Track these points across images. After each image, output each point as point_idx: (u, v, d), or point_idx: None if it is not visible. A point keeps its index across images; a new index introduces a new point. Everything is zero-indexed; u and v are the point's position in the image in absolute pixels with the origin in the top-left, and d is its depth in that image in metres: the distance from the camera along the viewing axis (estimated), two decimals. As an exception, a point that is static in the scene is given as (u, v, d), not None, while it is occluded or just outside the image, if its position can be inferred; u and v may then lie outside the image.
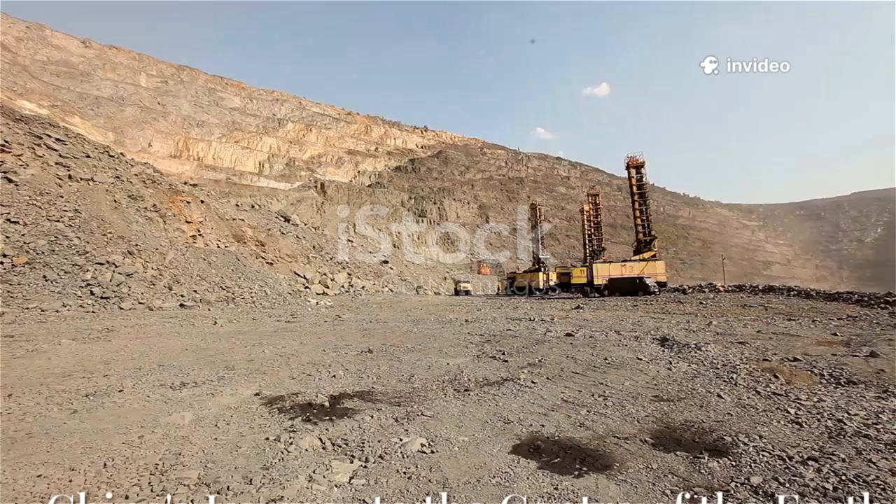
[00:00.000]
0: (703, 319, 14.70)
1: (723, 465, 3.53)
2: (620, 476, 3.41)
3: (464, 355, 8.69)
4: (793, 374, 6.32)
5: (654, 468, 3.53)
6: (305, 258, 36.63)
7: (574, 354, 8.30)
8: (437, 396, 5.72)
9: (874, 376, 6.27)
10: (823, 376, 6.32)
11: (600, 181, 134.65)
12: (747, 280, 70.08)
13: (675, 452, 3.82)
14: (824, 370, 6.59)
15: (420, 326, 14.27)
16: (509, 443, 4.12)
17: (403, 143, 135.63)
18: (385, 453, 3.86)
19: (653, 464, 3.60)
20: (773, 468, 3.44)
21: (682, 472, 3.46)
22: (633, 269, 35.43)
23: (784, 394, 5.46)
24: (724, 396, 5.41)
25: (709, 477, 3.36)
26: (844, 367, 6.74)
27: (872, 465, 3.45)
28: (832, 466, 3.41)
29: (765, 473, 3.36)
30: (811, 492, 3.07)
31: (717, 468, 3.49)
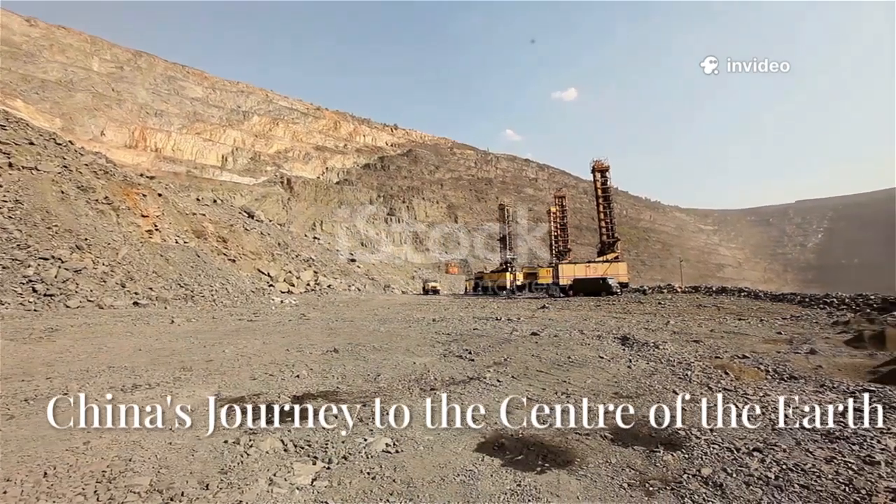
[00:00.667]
0: (662, 319, 15.31)
1: (676, 458, 3.69)
2: (581, 471, 3.51)
3: (430, 354, 8.69)
4: (742, 371, 6.67)
5: (612, 463, 3.65)
6: (270, 255, 35.64)
7: (539, 353, 8.46)
8: (402, 396, 5.70)
9: (813, 372, 6.71)
10: (769, 372, 6.71)
11: (567, 184, 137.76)
12: (702, 281, 73.52)
13: (633, 447, 3.96)
14: (769, 367, 7.00)
15: (387, 325, 14.17)
16: (474, 441, 4.16)
17: (373, 141, 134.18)
18: (349, 454, 3.81)
19: (612, 458, 3.72)
20: (722, 459, 3.63)
21: (638, 465, 3.59)
22: (596, 269, 36.49)
23: (733, 389, 5.76)
24: (679, 392, 5.65)
25: (663, 470, 3.50)
26: (787, 364, 7.19)
27: (809, 454, 3.69)
28: (774, 456, 3.63)
29: (714, 465, 3.53)
30: (755, 481, 3.26)
31: (672, 461, 3.64)
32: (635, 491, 3.19)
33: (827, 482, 3.18)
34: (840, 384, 5.89)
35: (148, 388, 6.02)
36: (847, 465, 3.46)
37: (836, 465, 3.47)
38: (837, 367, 7.10)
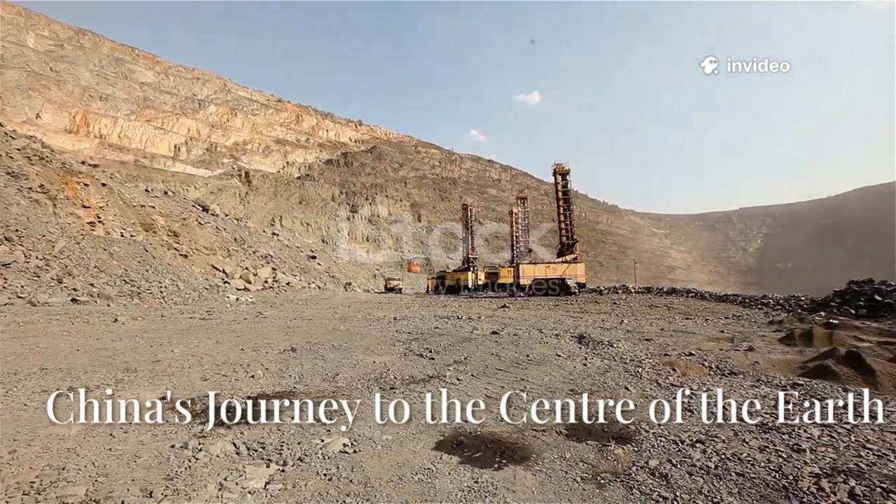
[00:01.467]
0: (616, 318, 15.92)
1: (626, 452, 3.85)
2: (537, 467, 3.59)
3: (391, 353, 8.64)
4: (687, 367, 7.05)
5: (566, 457, 3.76)
6: (225, 251, 34.23)
7: (498, 352, 8.58)
8: (361, 395, 5.63)
9: (751, 368, 7.18)
10: (712, 369, 7.12)
11: (529, 185, 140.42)
12: (655, 282, 77.09)
13: (587, 442, 4.09)
14: (713, 363, 7.43)
15: (347, 324, 13.96)
16: (433, 440, 4.17)
17: (336, 136, 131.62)
18: (305, 455, 3.73)
19: (566, 453, 3.83)
20: (668, 451, 3.82)
21: (591, 459, 3.72)
22: (556, 270, 37.42)
23: (680, 385, 6.07)
24: (631, 388, 5.90)
25: (614, 463, 3.65)
26: (728, 360, 7.65)
27: (745, 444, 3.95)
28: (715, 447, 3.86)
29: (661, 456, 3.71)
30: (697, 470, 3.45)
31: (622, 454, 3.80)
32: (587, 484, 3.30)
33: (760, 469, 3.42)
34: (773, 379, 6.34)
35: (86, 390, 5.63)
36: (777, 453, 3.73)
37: (768, 453, 3.73)
38: (772, 363, 7.64)
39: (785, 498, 3.01)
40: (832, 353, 7.26)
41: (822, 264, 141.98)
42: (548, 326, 13.21)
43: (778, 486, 3.16)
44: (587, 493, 3.18)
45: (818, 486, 3.09)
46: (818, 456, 3.66)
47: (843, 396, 5.33)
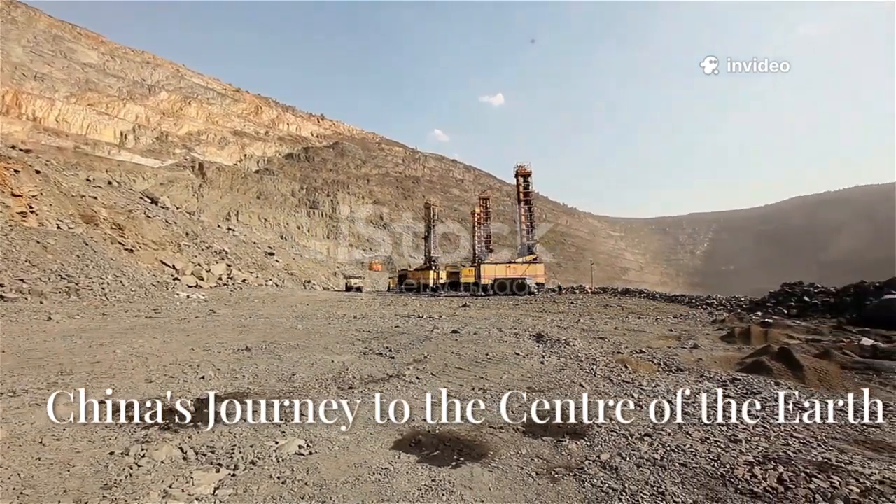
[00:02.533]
0: (573, 317, 16.40)
1: (580, 446, 3.97)
2: (494, 463, 3.64)
3: (350, 352, 8.51)
4: (638, 365, 7.37)
5: (523, 454, 3.83)
6: (176, 246, 32.52)
7: (458, 350, 8.64)
8: (319, 395, 5.51)
9: (695, 364, 7.60)
10: (660, 365, 7.48)
11: (492, 186, 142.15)
12: (610, 283, 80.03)
13: (542, 438, 4.19)
14: (661, 360, 7.80)
15: (305, 323, 13.62)
16: (391, 439, 4.14)
17: (297, 130, 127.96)
18: (258, 458, 3.61)
19: (522, 450, 3.91)
20: (618, 445, 3.98)
21: (546, 455, 3.82)
22: (516, 270, 38.08)
23: (631, 381, 6.33)
24: (585, 385, 6.09)
25: (568, 457, 3.76)
26: (675, 358, 8.06)
27: (689, 436, 4.18)
28: (661, 440, 4.06)
29: (611, 450, 3.86)
30: (645, 462, 3.62)
31: (575, 449, 3.92)
32: (542, 479, 3.38)
33: (701, 460, 3.63)
34: (715, 374, 6.74)
35: (12, 395, 5.21)
36: (717, 443, 3.97)
37: (708, 444, 3.96)
38: (714, 359, 8.11)
39: (722, 485, 3.21)
40: (766, 350, 7.81)
41: (761, 267, 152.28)
42: (507, 325, 13.43)
43: (716, 475, 3.36)
44: (542, 487, 3.26)
45: (752, 473, 3.31)
46: (752, 445, 3.92)
47: (774, 390, 5.75)
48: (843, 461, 3.56)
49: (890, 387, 5.93)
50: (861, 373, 6.50)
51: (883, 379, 6.19)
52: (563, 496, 3.12)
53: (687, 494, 3.10)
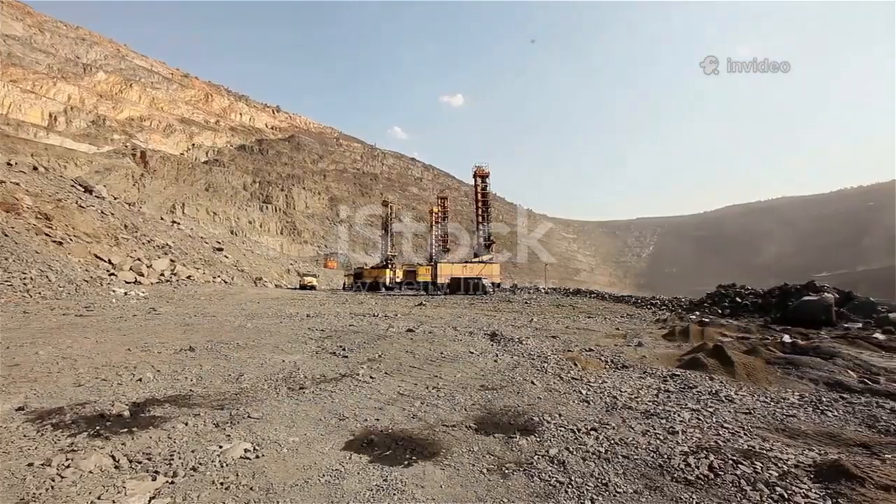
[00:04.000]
0: (527, 317, 16.80)
1: (530, 442, 4.08)
2: (446, 461, 3.67)
3: (302, 352, 8.28)
4: (587, 362, 7.66)
5: (475, 451, 3.88)
6: (113, 239, 30.29)
7: (413, 349, 8.63)
8: (268, 396, 5.33)
9: (639, 361, 8.00)
10: (607, 363, 7.82)
11: (450, 185, 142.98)
12: (562, 283, 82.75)
13: (494, 435, 4.27)
14: (608, 358, 8.16)
15: (255, 321, 13.12)
16: (342, 440, 4.08)
17: (251, 121, 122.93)
18: (200, 464, 3.43)
19: (474, 447, 3.97)
20: (566, 440, 4.12)
21: (497, 451, 3.89)
22: (472, 270, 38.53)
23: (580, 378, 6.57)
24: (536, 383, 6.26)
25: (518, 453, 3.84)
26: (621, 355, 8.46)
27: (631, 429, 4.40)
28: (606, 434, 4.24)
29: (560, 445, 3.99)
30: (591, 456, 3.77)
31: (526, 445, 4.02)
32: (493, 475, 3.44)
33: (641, 451, 3.83)
34: (657, 371, 7.12)
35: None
36: (656, 435, 4.20)
37: (649, 436, 4.19)
38: (657, 356, 8.58)
39: (660, 475, 3.41)
40: (703, 348, 8.35)
41: (700, 270, 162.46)
42: (462, 324, 13.56)
43: (655, 465, 3.56)
44: (492, 483, 3.32)
45: (686, 463, 3.54)
46: (688, 436, 4.19)
47: (709, 384, 6.16)
48: (765, 448, 3.88)
49: (806, 379, 6.51)
50: (782, 367, 7.09)
51: (800, 373, 6.79)
52: (512, 491, 3.19)
53: (628, 484, 3.26)
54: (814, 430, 4.42)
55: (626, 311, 19.80)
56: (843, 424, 4.67)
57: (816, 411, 5.09)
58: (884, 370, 7.23)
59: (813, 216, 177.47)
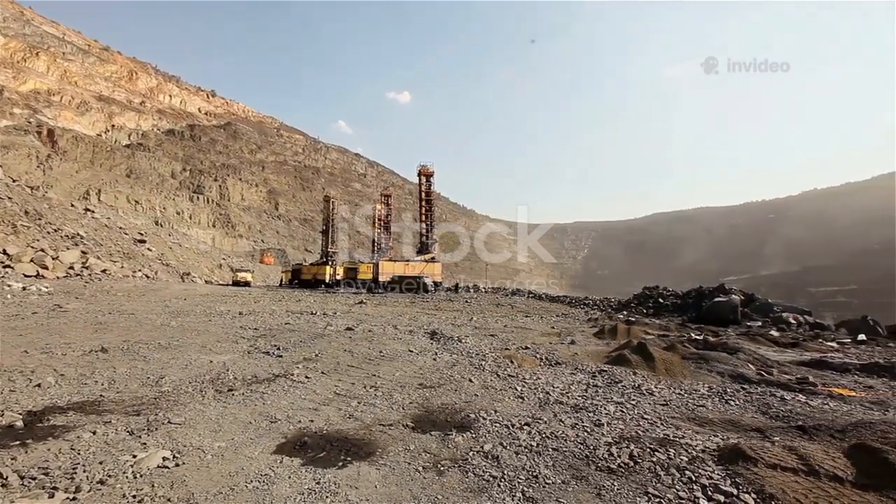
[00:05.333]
0: (467, 316, 17.06)
1: (466, 439, 4.15)
2: (381, 461, 3.64)
3: (232, 351, 7.85)
4: (523, 360, 7.92)
5: (411, 449, 3.89)
6: (10, 227, 26.90)
7: (352, 348, 8.47)
8: (192, 400, 4.99)
9: (572, 358, 8.41)
10: (542, 360, 8.13)
11: (394, 183, 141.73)
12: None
13: (430, 433, 4.29)
14: (543, 355, 8.49)
15: (181, 319, 12.24)
16: (273, 443, 3.91)
17: (182, 105, 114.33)
18: (109, 476, 3.14)
19: (411, 445, 3.97)
20: (500, 435, 4.24)
21: (433, 449, 3.92)
22: (415, 268, 38.53)
23: (515, 375, 6.79)
24: (474, 380, 6.38)
25: (454, 450, 3.90)
26: (555, 353, 8.84)
27: (562, 423, 4.61)
28: (538, 428, 4.41)
29: (494, 440, 4.10)
30: (523, 450, 3.90)
31: (462, 441, 4.08)
32: (428, 472, 3.46)
33: (570, 444, 4.03)
34: (587, 367, 7.52)
35: None
36: (584, 428, 4.44)
37: (577, 429, 4.41)
38: (587, 354, 9.06)
39: (586, 465, 3.60)
40: (628, 345, 8.95)
41: (629, 272, 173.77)
42: (403, 323, 13.51)
43: (582, 456, 3.76)
44: (427, 480, 3.34)
45: (609, 452, 3.78)
46: (612, 428, 4.46)
47: (632, 379, 6.61)
48: (678, 436, 4.23)
49: (714, 373, 7.18)
50: (695, 362, 7.77)
51: (710, 367, 7.48)
52: (447, 488, 3.23)
53: (557, 475, 3.42)
54: (719, 418, 4.89)
55: (562, 311, 20.75)
56: (742, 412, 5.21)
57: (721, 401, 5.63)
58: (776, 363, 8.15)
59: (726, 225, 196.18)
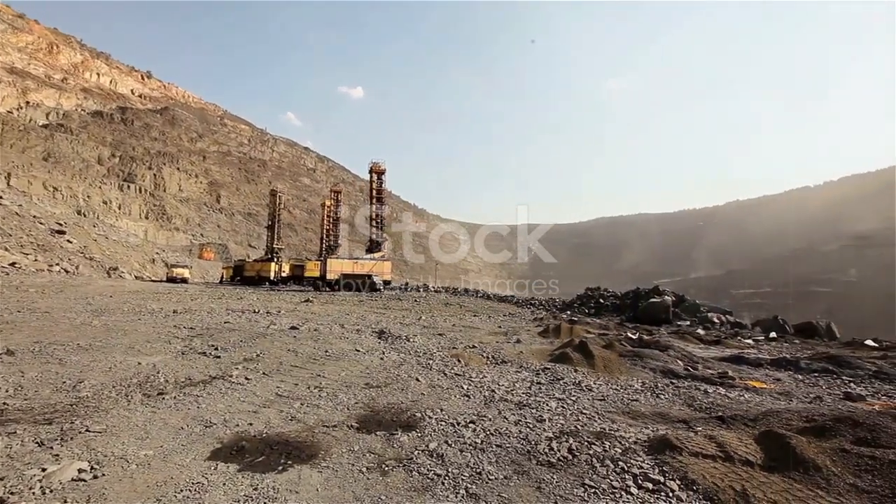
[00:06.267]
0: (415, 315, 17.05)
1: (411, 438, 4.14)
2: (324, 463, 3.55)
3: (164, 352, 7.34)
4: (470, 358, 8.03)
5: (355, 450, 3.82)
6: None
7: (296, 348, 8.20)
8: (115, 405, 4.62)
9: (517, 357, 8.63)
10: (489, 359, 8.28)
11: (345, 179, 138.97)
12: (452, 283, 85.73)
13: (376, 433, 4.25)
14: (489, 354, 8.65)
15: (105, 318, 11.28)
16: (207, 449, 3.70)
17: (112, 85, 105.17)
18: (12, 493, 2.84)
19: (355, 446, 3.90)
20: (446, 433, 4.27)
21: (378, 449, 3.88)
22: (363, 266, 37.95)
23: (462, 374, 6.86)
24: (421, 379, 6.38)
25: (399, 449, 3.88)
26: (501, 351, 9.03)
27: (506, 420, 4.72)
28: (483, 425, 4.49)
29: (440, 439, 4.12)
30: (468, 447, 3.95)
31: (407, 441, 4.07)
32: (372, 473, 3.42)
33: (513, 440, 4.13)
34: (532, 365, 7.75)
35: None
36: (527, 424, 4.57)
37: (520, 426, 4.53)
38: (532, 352, 9.34)
39: (528, 460, 3.71)
40: (570, 343, 9.32)
41: (574, 274, 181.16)
42: (350, 322, 13.27)
43: (524, 451, 3.87)
44: (371, 481, 3.30)
45: (550, 447, 3.92)
46: (553, 423, 4.63)
47: (573, 376, 6.89)
48: (613, 429, 4.46)
49: (647, 369, 7.65)
50: (631, 359, 8.24)
51: (644, 363, 7.96)
52: (391, 488, 3.21)
53: (499, 471, 3.50)
54: (650, 412, 5.21)
55: (509, 310, 21.26)
56: (671, 405, 5.59)
57: (653, 395, 6.01)
58: (702, 359, 8.82)
59: (661, 231, 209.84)
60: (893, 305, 67.63)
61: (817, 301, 76.90)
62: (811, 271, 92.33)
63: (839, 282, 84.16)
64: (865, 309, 65.59)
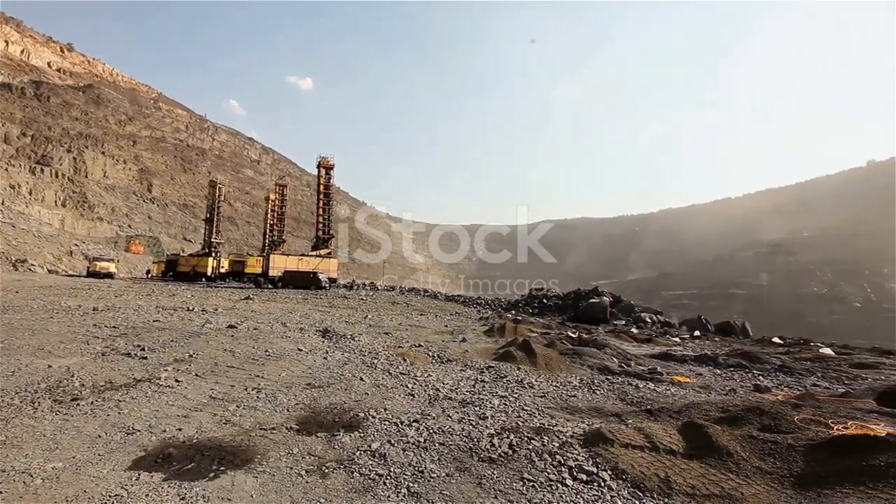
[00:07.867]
0: (362, 313, 16.78)
1: (353, 438, 4.07)
2: (260, 468, 3.40)
3: (80, 354, 6.71)
4: (415, 357, 8.02)
5: (294, 453, 3.70)
6: None
7: (233, 347, 7.79)
8: (18, 414, 4.16)
9: (462, 355, 8.73)
10: (434, 358, 8.32)
11: (291, 173, 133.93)
12: (400, 282, 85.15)
13: (316, 434, 4.13)
14: (435, 353, 8.69)
15: (8, 316, 10.13)
16: (129, 458, 3.43)
17: (24, 55, 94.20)
18: None
19: (294, 449, 3.78)
20: (389, 433, 4.23)
21: (318, 451, 3.77)
22: (309, 263, 36.84)
23: (407, 373, 6.84)
24: (365, 379, 6.29)
25: (340, 451, 3.80)
26: (447, 350, 9.10)
27: (449, 418, 4.76)
28: (426, 424, 4.50)
29: (382, 438, 4.08)
30: (411, 446, 3.94)
31: (349, 441, 3.99)
32: (312, 476, 3.33)
33: (456, 438, 4.18)
34: (476, 363, 7.88)
35: None
36: (470, 422, 4.64)
37: (463, 423, 4.59)
38: (477, 351, 9.50)
39: (470, 457, 3.77)
40: (514, 342, 9.57)
41: (520, 274, 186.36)
42: (293, 320, 12.82)
43: (466, 449, 3.93)
44: (310, 484, 3.20)
45: (491, 443, 4.00)
46: (495, 420, 4.72)
47: (516, 373, 7.09)
48: (552, 424, 4.63)
49: (586, 366, 8.02)
50: (570, 357, 8.60)
51: (582, 361, 8.34)
52: (330, 490, 3.13)
53: (442, 469, 3.52)
54: (587, 406, 5.47)
55: (456, 310, 21.48)
56: (605, 400, 5.90)
57: (590, 391, 6.31)
58: (634, 356, 9.38)
59: (602, 234, 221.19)
60: (796, 307, 75.79)
61: (736, 302, 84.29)
62: (731, 275, 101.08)
63: (753, 285, 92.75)
64: (774, 310, 72.99)
